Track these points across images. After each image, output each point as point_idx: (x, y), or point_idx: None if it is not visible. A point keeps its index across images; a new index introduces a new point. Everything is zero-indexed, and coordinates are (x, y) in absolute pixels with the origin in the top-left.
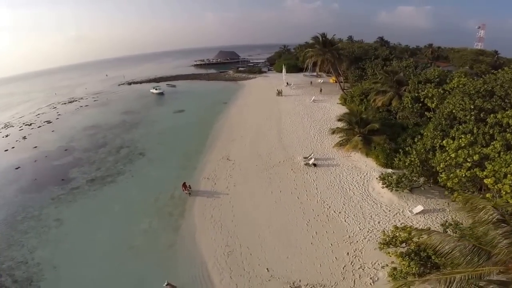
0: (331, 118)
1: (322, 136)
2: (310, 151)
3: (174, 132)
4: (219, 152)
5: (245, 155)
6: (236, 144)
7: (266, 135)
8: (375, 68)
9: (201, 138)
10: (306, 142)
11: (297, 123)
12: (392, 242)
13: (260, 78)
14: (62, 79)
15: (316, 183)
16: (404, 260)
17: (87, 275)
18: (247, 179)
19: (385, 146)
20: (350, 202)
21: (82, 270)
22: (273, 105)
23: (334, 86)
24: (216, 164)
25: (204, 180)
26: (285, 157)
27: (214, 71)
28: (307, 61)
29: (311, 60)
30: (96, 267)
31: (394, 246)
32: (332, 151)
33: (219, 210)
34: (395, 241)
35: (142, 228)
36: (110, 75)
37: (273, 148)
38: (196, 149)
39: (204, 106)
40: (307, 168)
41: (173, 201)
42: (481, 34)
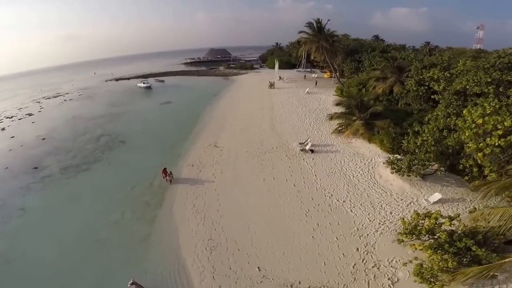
0: (327, 108)
1: (319, 123)
2: (306, 137)
3: (159, 121)
4: (206, 139)
5: (234, 141)
6: (225, 131)
7: (258, 123)
8: (372, 60)
9: (187, 127)
10: (301, 129)
11: (290, 112)
12: (415, 232)
13: (252, 74)
14: (50, 77)
15: (315, 169)
16: (435, 253)
17: (43, 271)
18: (236, 166)
19: (390, 129)
20: (355, 190)
21: (39, 265)
22: (265, 97)
23: (329, 81)
24: (202, 151)
25: (187, 167)
26: (278, 143)
27: (205, 68)
28: (300, 49)
29: (305, 47)
30: (55, 262)
31: (417, 238)
32: (330, 138)
33: (202, 199)
34: (419, 231)
35: (113, 219)
36: (98, 73)
37: (265, 135)
38: (181, 137)
39: (192, 98)
40: (304, 154)
41: (151, 189)
42: (480, 35)
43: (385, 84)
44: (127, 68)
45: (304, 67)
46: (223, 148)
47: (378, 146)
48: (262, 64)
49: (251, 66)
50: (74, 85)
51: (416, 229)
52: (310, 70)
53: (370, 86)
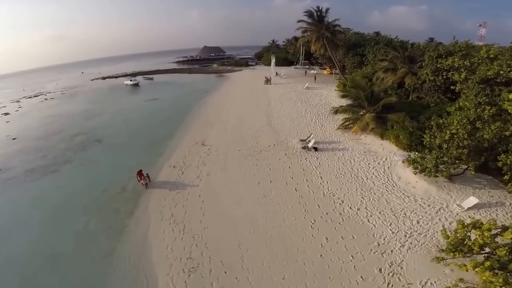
0: (329, 103)
1: (322, 119)
2: (308, 133)
3: (142, 119)
4: (193, 137)
5: (225, 139)
6: (215, 128)
7: (252, 119)
8: (377, 53)
9: (173, 124)
10: (302, 125)
11: (289, 108)
12: (463, 248)
13: (247, 71)
14: (37, 77)
15: (320, 170)
16: (495, 275)
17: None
18: (225, 167)
19: (407, 124)
20: (371, 195)
21: None
22: (261, 92)
23: (329, 77)
24: (187, 150)
25: (168, 169)
26: (276, 140)
27: (198, 67)
28: (299, 41)
29: (304, 39)
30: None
31: (464, 255)
32: (336, 134)
33: (183, 207)
34: (469, 247)
35: (74, 229)
36: (86, 72)
37: (260, 131)
38: (165, 135)
39: (181, 94)
40: (306, 153)
41: (123, 194)
42: (482, 33)
43: (395, 76)
44: (117, 67)
45: (302, 64)
46: (212, 146)
47: (392, 143)
48: (258, 61)
49: (246, 63)
50: (58, 84)
51: (464, 244)
52: (309, 66)
53: (377, 78)
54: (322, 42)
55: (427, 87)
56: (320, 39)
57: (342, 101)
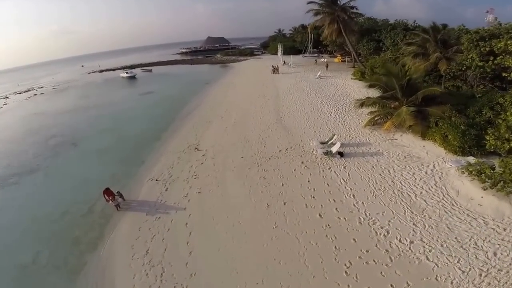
0: (348, 93)
1: (342, 113)
2: (328, 133)
3: (131, 116)
4: (185, 138)
5: (224, 142)
6: (213, 127)
7: (259, 114)
8: (396, 38)
9: (164, 122)
10: (320, 121)
11: (302, 100)
12: None
13: (252, 60)
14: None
15: (350, 185)
16: None
17: None
18: (223, 181)
19: (456, 120)
20: (425, 219)
21: None
22: (268, 83)
23: (341, 66)
24: (176, 157)
25: (149, 183)
26: (289, 143)
27: (201, 57)
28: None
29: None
30: None
31: None
32: (363, 132)
33: (163, 241)
34: None
35: (20, 263)
36: (86, 66)
37: (269, 131)
38: (153, 136)
39: (179, 87)
40: (329, 160)
41: (89, 218)
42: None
43: (427, 61)
44: (119, 60)
45: (311, 52)
46: (207, 152)
47: (438, 144)
48: (264, 51)
49: (251, 53)
50: (54, 78)
51: None
52: (318, 55)
53: (402, 64)
54: (337, 26)
55: (472, 75)
56: (335, 23)
57: (363, 91)
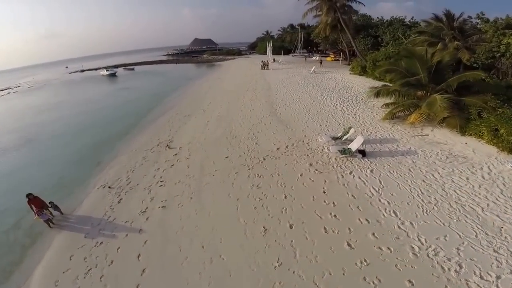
0: (350, 87)
1: (351, 105)
2: (338, 127)
3: (101, 111)
4: (156, 134)
5: (204, 138)
6: (192, 121)
7: (248, 107)
8: (396, 33)
9: (135, 117)
10: (324, 114)
11: (298, 92)
12: None
13: (240, 59)
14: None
15: (386, 197)
16: None
17: None
18: (199, 191)
19: (507, 112)
20: (507, 243)
21: None
22: (258, 78)
23: (335, 64)
24: (141, 157)
25: (99, 191)
26: (289, 139)
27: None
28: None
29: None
30: None
31: None
32: (382, 127)
33: (101, 280)
34: None
35: None
36: (71, 67)
37: (262, 124)
38: (119, 132)
39: (159, 83)
40: (348, 161)
41: (12, 234)
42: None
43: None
44: (105, 62)
45: (301, 50)
46: (181, 150)
47: (485, 141)
48: (252, 51)
49: (239, 52)
50: (34, 78)
51: None
52: (308, 54)
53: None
54: (334, 15)
55: (509, 62)
56: (332, 11)
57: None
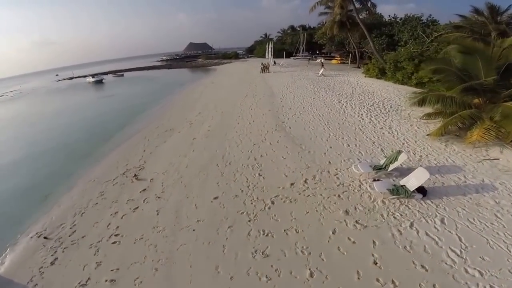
0: (372, 92)
1: (381, 116)
2: (373, 146)
3: (71, 126)
4: (127, 156)
5: (186, 164)
6: (174, 138)
7: (247, 117)
8: (414, 31)
9: (108, 131)
10: (349, 127)
11: (309, 98)
12: None
13: (237, 63)
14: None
15: (472, 262)
16: None
17: None
18: (169, 258)
19: None
20: None
21: None
22: (258, 82)
23: (342, 67)
24: (98, 192)
25: (30, 242)
26: (306, 167)
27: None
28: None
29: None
30: None
31: None
32: (433, 147)
33: None
34: None
35: None
36: (61, 74)
37: (266, 143)
38: (85, 152)
39: (147, 89)
40: (403, 205)
41: None
42: None
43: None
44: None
45: (303, 53)
46: (153, 183)
47: None
48: (250, 55)
49: (236, 55)
50: (21, 87)
51: None
52: (312, 57)
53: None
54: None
55: None
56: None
57: (391, 88)
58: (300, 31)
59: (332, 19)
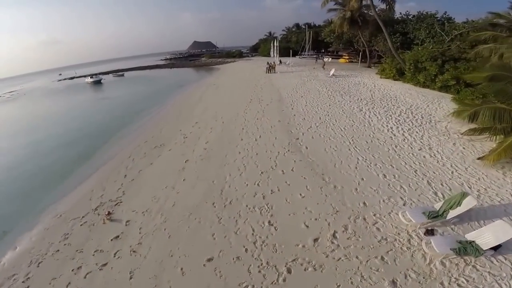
0: (395, 97)
1: (413, 128)
2: (417, 178)
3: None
4: (104, 182)
5: (174, 202)
6: (162, 159)
7: (253, 131)
8: (431, 29)
9: (91, 147)
10: (381, 147)
11: (324, 104)
12: None
13: (241, 61)
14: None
15: None
16: None
17: None
18: None
19: None
20: None
21: None
22: (263, 83)
23: (351, 66)
24: (62, 234)
25: None
26: (334, 211)
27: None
28: None
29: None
30: None
31: None
32: (490, 177)
33: None
34: None
35: None
36: (64, 74)
37: (277, 170)
38: (60, 174)
39: (144, 91)
40: (466, 265)
41: None
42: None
43: None
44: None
45: (309, 52)
46: (128, 228)
47: None
48: (254, 53)
49: (240, 54)
50: (22, 87)
51: None
52: (319, 55)
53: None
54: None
55: None
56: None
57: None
58: (306, 29)
59: (342, 16)
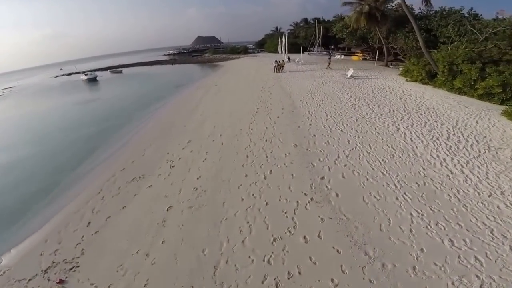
0: (432, 108)
1: (471, 157)
2: (499, 246)
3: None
4: (60, 233)
5: (145, 283)
6: (135, 206)
7: (261, 157)
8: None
9: (57, 173)
10: (438, 191)
11: (348, 117)
12: None
13: (246, 58)
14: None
15: None
16: None
17: None
18: None
19: None
20: None
21: None
22: (271, 85)
23: (366, 64)
24: None
25: None
26: None
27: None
28: None
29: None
30: None
31: None
32: None
33: None
34: None
35: None
36: (65, 69)
37: (298, 236)
38: (6, 220)
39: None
40: None
41: None
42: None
43: None
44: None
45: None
46: None
47: None
48: (260, 49)
49: (245, 49)
50: (19, 82)
51: None
52: (330, 52)
53: None
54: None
55: None
56: None
57: (452, 102)
58: (316, 24)
59: (359, 10)
